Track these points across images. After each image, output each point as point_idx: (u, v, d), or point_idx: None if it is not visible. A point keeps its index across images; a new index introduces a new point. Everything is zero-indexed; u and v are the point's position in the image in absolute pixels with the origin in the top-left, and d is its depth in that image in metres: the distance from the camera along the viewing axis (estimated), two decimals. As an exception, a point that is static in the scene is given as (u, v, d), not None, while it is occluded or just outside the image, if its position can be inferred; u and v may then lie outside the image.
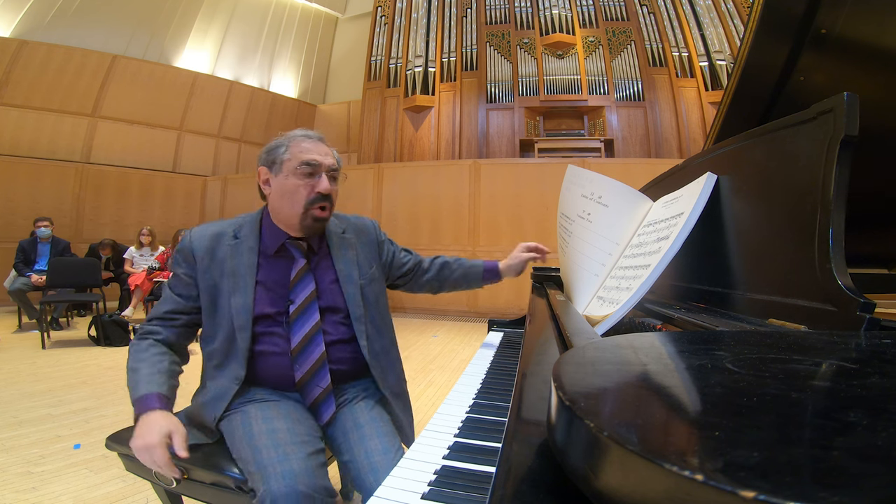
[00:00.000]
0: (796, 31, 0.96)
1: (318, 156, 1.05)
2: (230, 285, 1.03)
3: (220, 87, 9.18)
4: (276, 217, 1.08)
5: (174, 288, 1.08)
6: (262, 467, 0.86)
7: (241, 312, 1.02)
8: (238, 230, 1.08)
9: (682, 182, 0.80)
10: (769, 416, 0.22)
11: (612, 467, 0.20)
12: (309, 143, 1.07)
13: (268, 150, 1.08)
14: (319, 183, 1.05)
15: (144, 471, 1.01)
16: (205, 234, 1.08)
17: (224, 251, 1.06)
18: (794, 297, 0.54)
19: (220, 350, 1.04)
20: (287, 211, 1.05)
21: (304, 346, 1.03)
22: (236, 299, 1.02)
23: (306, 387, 1.03)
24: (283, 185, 1.04)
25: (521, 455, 0.35)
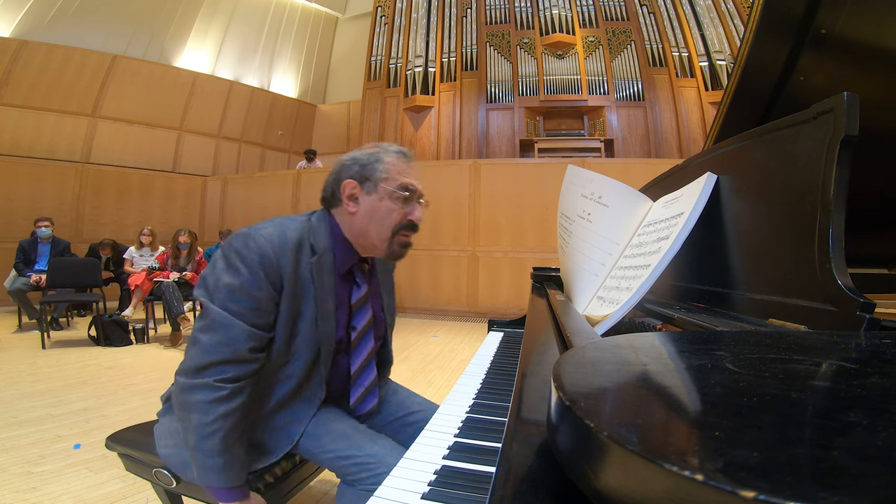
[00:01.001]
0: (796, 31, 0.96)
1: (415, 180, 0.98)
2: (319, 310, 0.93)
3: (220, 87, 9.19)
4: (352, 235, 0.98)
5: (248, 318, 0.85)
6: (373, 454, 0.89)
7: (328, 339, 0.95)
8: (314, 242, 0.94)
9: (682, 182, 0.80)
10: (769, 416, 0.22)
11: (612, 467, 0.20)
12: (406, 163, 0.99)
13: (361, 164, 0.96)
14: (413, 211, 0.97)
15: (144, 471, 1.01)
16: (285, 244, 0.89)
17: (306, 268, 0.92)
18: (794, 297, 0.54)
19: (296, 376, 0.94)
20: (373, 234, 0.96)
21: (360, 372, 1.03)
22: (324, 326, 0.94)
23: (359, 407, 1.04)
24: (376, 207, 0.95)
25: (521, 455, 0.35)
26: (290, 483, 1.05)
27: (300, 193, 6.92)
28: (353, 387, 1.03)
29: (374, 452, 0.90)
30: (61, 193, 6.82)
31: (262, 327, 0.87)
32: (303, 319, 0.92)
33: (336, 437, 0.94)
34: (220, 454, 0.83)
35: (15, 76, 6.90)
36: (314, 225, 0.96)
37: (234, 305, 0.85)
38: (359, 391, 1.04)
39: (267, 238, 0.88)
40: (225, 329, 0.84)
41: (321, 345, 0.94)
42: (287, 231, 0.91)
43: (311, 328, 0.93)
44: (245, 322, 0.85)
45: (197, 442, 0.82)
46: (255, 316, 0.86)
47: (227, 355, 0.83)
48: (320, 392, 0.97)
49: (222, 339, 0.83)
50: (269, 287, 0.87)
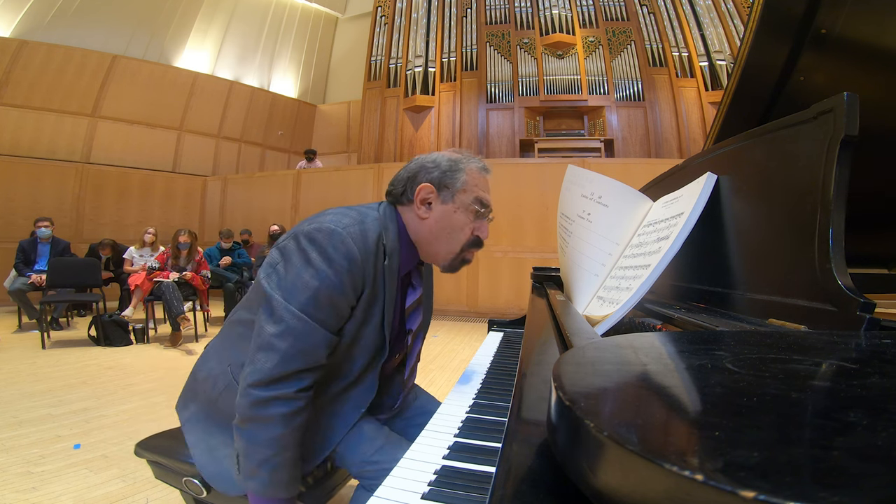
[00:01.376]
0: (796, 31, 0.96)
1: (489, 195, 0.96)
2: (386, 314, 0.90)
3: (220, 87, 9.19)
4: (418, 239, 0.94)
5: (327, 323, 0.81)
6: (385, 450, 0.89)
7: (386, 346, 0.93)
8: (386, 242, 0.89)
9: (682, 182, 0.80)
10: (769, 416, 0.22)
11: (612, 467, 0.20)
12: (485, 178, 0.97)
13: (442, 170, 0.92)
14: (482, 228, 0.96)
15: (174, 479, 1.00)
16: (368, 245, 0.85)
17: (379, 270, 0.88)
18: (794, 297, 0.54)
19: (348, 378, 0.92)
20: (442, 245, 0.93)
21: (413, 373, 1.07)
22: (388, 329, 0.92)
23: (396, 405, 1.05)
24: (451, 218, 0.92)
25: (521, 455, 0.35)
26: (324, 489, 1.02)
27: (300, 193, 6.92)
28: (406, 383, 1.05)
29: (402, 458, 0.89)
30: (61, 193, 6.82)
31: (337, 332, 0.84)
32: (369, 324, 0.89)
33: (362, 440, 0.92)
34: (294, 466, 0.79)
35: (15, 76, 6.90)
36: (385, 223, 0.91)
37: (316, 308, 0.79)
38: (405, 393, 1.06)
39: (354, 239, 0.82)
40: (306, 336, 0.78)
41: (382, 348, 0.92)
42: (368, 230, 0.86)
43: (377, 334, 0.90)
44: (325, 328, 0.80)
45: (270, 456, 0.77)
46: (334, 321, 0.82)
47: (308, 363, 0.79)
48: (370, 395, 0.94)
49: (303, 347, 0.78)
50: (352, 293, 0.83)
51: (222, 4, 9.62)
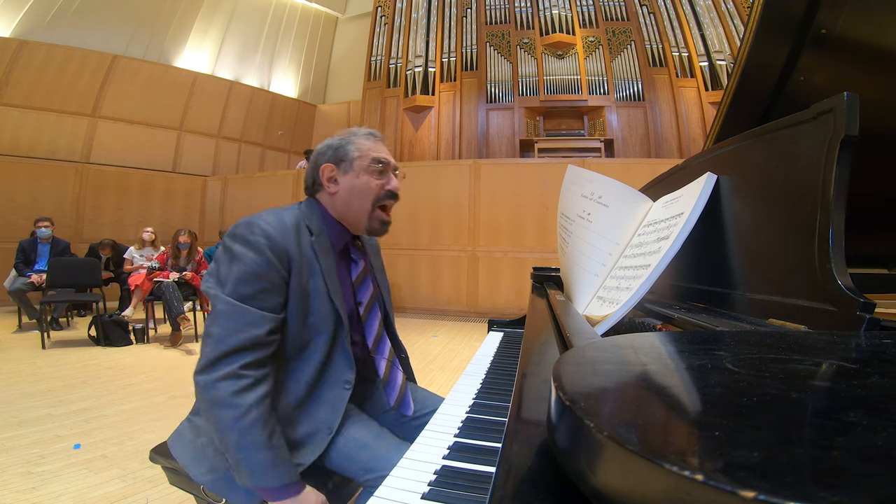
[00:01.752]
0: (796, 31, 0.96)
1: (386, 154, 1.05)
2: (329, 283, 0.95)
3: (220, 87, 9.18)
4: (338, 214, 1.03)
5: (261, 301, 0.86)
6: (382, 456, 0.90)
7: (343, 312, 0.96)
8: (309, 224, 0.98)
9: (682, 182, 0.80)
10: (769, 416, 0.22)
11: (611, 467, 0.20)
12: (375, 141, 1.05)
13: (334, 148, 1.02)
14: (390, 181, 1.04)
15: (191, 485, 0.99)
16: (286, 225, 0.93)
17: (308, 247, 0.96)
18: (794, 297, 0.54)
19: (318, 358, 0.94)
20: (357, 207, 1.01)
21: (377, 344, 1.07)
22: (338, 299, 0.96)
23: (389, 381, 1.07)
24: (354, 183, 1.01)
25: (521, 455, 0.35)
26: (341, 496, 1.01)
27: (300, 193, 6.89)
28: (375, 358, 1.06)
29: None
30: (61, 193, 6.82)
31: (274, 308, 0.88)
32: (315, 296, 0.94)
33: (359, 448, 0.92)
34: (266, 447, 0.80)
35: (15, 76, 6.90)
36: (305, 211, 1.01)
37: (246, 289, 0.85)
38: (382, 363, 1.06)
39: (268, 222, 0.91)
40: (238, 315, 0.83)
41: (341, 318, 0.96)
42: (284, 216, 0.95)
43: (327, 304, 0.95)
44: (257, 306, 0.85)
45: (238, 441, 0.79)
46: (266, 298, 0.87)
47: (243, 341, 0.82)
48: (349, 373, 0.97)
49: (236, 325, 0.83)
50: (279, 266, 0.89)
51: (222, 4, 9.62)
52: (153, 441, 1.12)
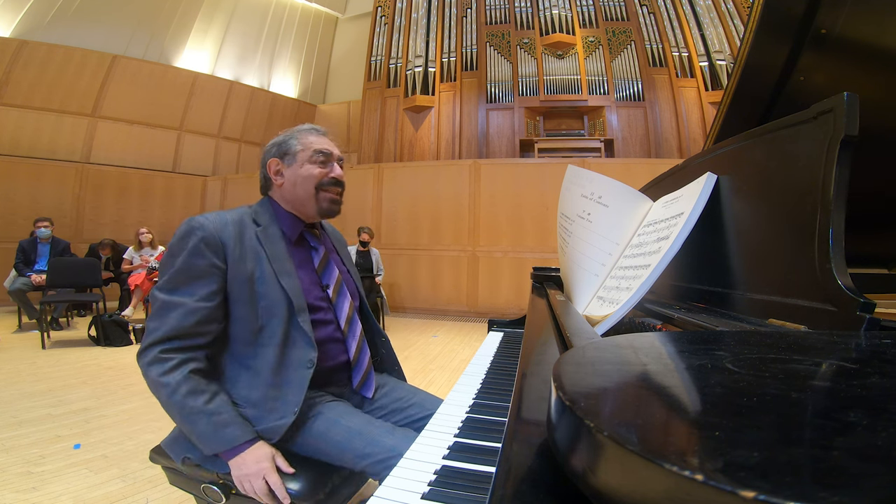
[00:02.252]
0: (796, 31, 0.96)
1: (328, 146, 1.10)
2: (277, 269, 1.00)
3: (220, 87, 9.18)
4: (289, 205, 1.09)
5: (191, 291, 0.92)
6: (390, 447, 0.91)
7: (296, 293, 1.00)
8: (255, 218, 1.05)
9: (682, 182, 0.80)
10: (769, 416, 0.22)
11: (611, 467, 0.20)
12: (317, 135, 1.12)
13: (278, 144, 1.10)
14: (333, 169, 1.09)
15: (191, 485, 1.00)
16: (224, 221, 1.00)
17: (252, 237, 1.01)
18: (794, 297, 0.54)
19: (275, 342, 0.97)
20: (301, 194, 1.07)
21: (349, 325, 1.10)
22: (287, 281, 1.00)
23: (358, 362, 1.10)
24: (298, 173, 1.07)
25: (521, 455, 0.35)
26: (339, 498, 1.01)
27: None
28: (346, 339, 1.09)
29: (392, 446, 0.91)
30: (61, 193, 6.82)
31: (203, 297, 0.93)
32: (262, 282, 0.98)
33: (352, 436, 0.94)
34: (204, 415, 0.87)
35: (15, 76, 6.90)
36: (256, 208, 1.08)
37: (175, 281, 0.92)
38: (353, 345, 1.09)
39: (206, 217, 0.98)
40: (167, 309, 0.91)
41: (292, 299, 0.99)
42: (227, 213, 1.02)
43: (275, 287, 0.98)
44: (188, 297, 0.92)
45: (180, 415, 0.88)
46: (197, 287, 0.93)
47: (168, 332, 0.90)
48: (311, 352, 0.99)
49: (164, 319, 0.91)
50: (212, 255, 0.95)
51: (222, 4, 9.62)
52: (153, 441, 1.12)
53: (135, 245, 4.94)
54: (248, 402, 0.95)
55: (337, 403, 1.03)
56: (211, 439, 0.88)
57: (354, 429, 0.96)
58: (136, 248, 4.92)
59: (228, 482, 0.94)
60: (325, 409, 1.00)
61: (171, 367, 0.89)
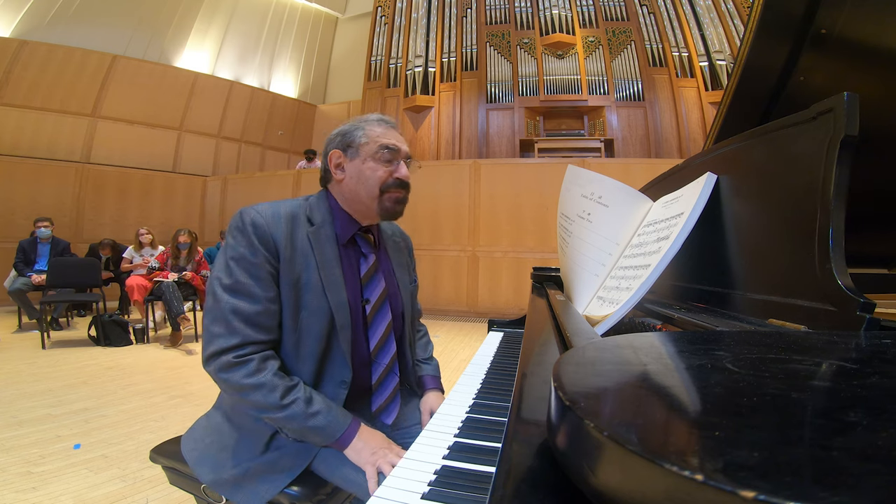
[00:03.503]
0: (796, 31, 0.96)
1: (396, 141, 1.00)
2: (324, 277, 0.91)
3: (220, 87, 9.19)
4: (347, 203, 1.00)
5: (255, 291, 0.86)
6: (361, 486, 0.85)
7: (341, 309, 0.92)
8: (311, 215, 0.96)
9: (682, 182, 0.80)
10: (769, 416, 0.22)
11: (612, 467, 0.20)
12: (385, 127, 1.01)
13: (342, 134, 1.00)
14: (398, 169, 0.99)
15: (192, 485, 0.99)
16: (278, 214, 0.92)
17: (304, 238, 0.93)
18: (794, 297, 0.54)
19: (313, 356, 0.91)
20: (363, 195, 0.97)
21: (381, 347, 1.00)
22: (333, 294, 0.91)
23: (379, 388, 1.01)
24: (361, 170, 0.97)
25: (521, 455, 0.35)
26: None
27: (300, 193, 6.91)
28: (374, 364, 1.00)
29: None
30: (61, 193, 6.82)
31: (270, 299, 0.88)
32: (308, 290, 0.91)
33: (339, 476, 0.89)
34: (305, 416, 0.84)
35: (15, 76, 6.90)
36: (312, 202, 0.99)
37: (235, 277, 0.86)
38: (378, 370, 1.00)
39: (258, 211, 0.91)
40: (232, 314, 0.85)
41: (335, 315, 0.91)
42: (279, 206, 0.95)
43: (320, 299, 0.91)
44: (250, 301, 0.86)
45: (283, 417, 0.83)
46: (259, 284, 0.87)
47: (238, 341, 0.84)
48: (347, 373, 0.93)
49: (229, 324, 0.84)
50: (265, 253, 0.88)
51: (222, 4, 9.62)
52: (153, 441, 1.12)
53: (135, 245, 4.94)
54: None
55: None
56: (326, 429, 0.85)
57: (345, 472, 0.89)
58: (136, 248, 4.92)
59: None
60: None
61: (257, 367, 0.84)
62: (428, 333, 1.29)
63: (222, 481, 0.89)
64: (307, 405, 0.85)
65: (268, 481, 0.88)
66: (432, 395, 1.10)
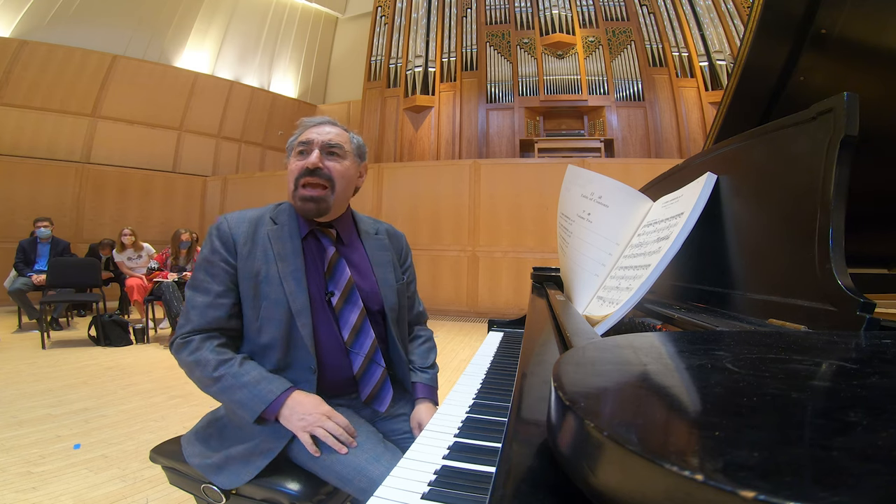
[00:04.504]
0: (796, 31, 0.96)
1: (314, 134, 1.04)
2: (281, 269, 0.99)
3: (220, 87, 9.18)
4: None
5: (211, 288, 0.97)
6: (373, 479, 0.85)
7: (297, 296, 0.97)
8: (276, 215, 1.06)
9: (682, 182, 0.80)
10: (769, 416, 0.22)
11: (612, 467, 0.20)
12: (309, 126, 1.07)
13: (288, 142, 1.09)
14: (308, 158, 1.02)
15: (191, 485, 0.99)
16: (243, 218, 1.04)
17: (265, 236, 1.02)
18: (794, 297, 0.54)
19: (276, 343, 0.97)
20: (289, 194, 1.04)
21: (356, 337, 1.04)
22: (290, 284, 0.98)
23: (364, 378, 1.04)
24: (289, 169, 1.05)
25: (521, 455, 0.35)
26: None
27: (300, 193, 6.90)
28: (350, 353, 1.03)
29: (374, 477, 0.85)
30: (61, 193, 6.82)
31: (220, 294, 0.98)
32: (267, 282, 0.98)
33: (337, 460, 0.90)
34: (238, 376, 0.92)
35: (15, 76, 6.90)
36: (281, 206, 1.09)
37: (200, 276, 0.99)
38: (358, 360, 1.03)
39: (225, 217, 1.03)
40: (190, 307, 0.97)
41: (290, 303, 0.97)
42: (247, 212, 1.06)
43: (278, 289, 0.98)
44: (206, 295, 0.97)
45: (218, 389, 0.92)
46: (213, 284, 0.98)
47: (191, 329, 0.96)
48: (311, 359, 0.97)
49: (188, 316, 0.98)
50: (223, 253, 0.99)
51: (222, 4, 9.62)
52: (153, 441, 1.12)
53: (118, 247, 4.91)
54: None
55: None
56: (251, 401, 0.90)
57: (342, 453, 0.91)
58: (119, 250, 4.89)
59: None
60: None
61: (196, 345, 0.94)
62: (432, 340, 1.28)
63: (207, 465, 0.95)
64: (235, 378, 0.92)
65: (249, 464, 0.92)
66: (423, 407, 1.08)
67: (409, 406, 1.12)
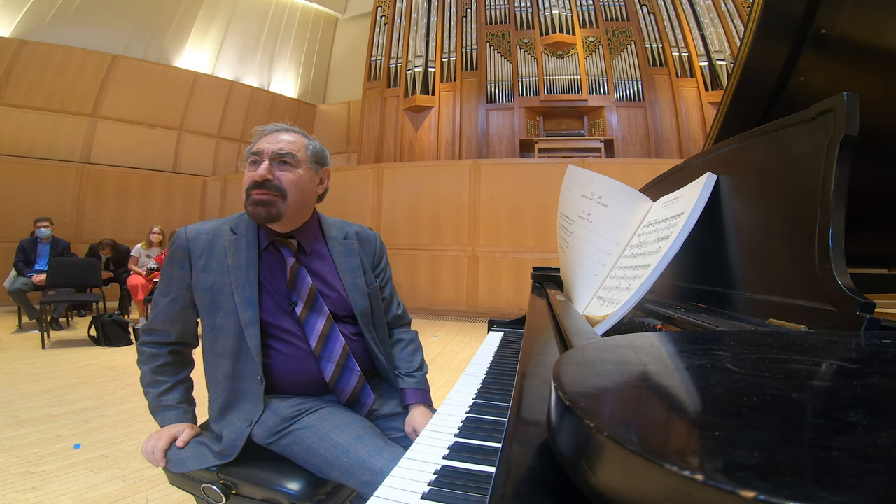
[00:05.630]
0: (796, 32, 0.96)
1: (265, 144, 1.03)
2: (233, 281, 1.00)
3: (220, 87, 9.18)
4: None
5: (167, 293, 1.04)
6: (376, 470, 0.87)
7: (246, 308, 0.98)
8: (235, 226, 1.06)
9: (682, 182, 0.80)
10: (769, 416, 0.22)
11: (612, 467, 0.20)
12: (260, 136, 1.06)
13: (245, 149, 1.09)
14: (257, 170, 1.01)
15: (191, 485, 1.00)
16: (201, 230, 1.05)
17: (222, 247, 1.03)
18: (794, 297, 0.54)
19: (227, 353, 0.99)
20: (243, 202, 1.04)
21: (324, 344, 1.03)
22: (240, 294, 0.99)
23: (338, 384, 1.04)
24: (243, 180, 1.05)
25: (521, 455, 0.35)
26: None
27: (300, 193, 6.90)
28: (320, 361, 1.03)
29: (378, 468, 0.87)
30: (61, 193, 6.83)
31: (172, 300, 1.03)
32: (222, 293, 1.01)
33: (339, 453, 0.91)
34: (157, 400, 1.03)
35: (15, 76, 6.90)
36: (241, 215, 1.09)
37: (161, 281, 1.07)
38: (329, 366, 1.02)
39: (185, 228, 1.07)
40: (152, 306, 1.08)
41: (240, 315, 0.99)
42: (207, 223, 1.08)
43: (230, 300, 1.00)
44: (162, 298, 1.05)
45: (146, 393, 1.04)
46: (169, 290, 1.04)
47: (147, 325, 1.06)
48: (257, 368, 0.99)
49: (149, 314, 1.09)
50: (179, 262, 1.03)
51: (222, 4, 9.62)
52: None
53: (145, 243, 4.92)
54: (214, 409, 1.02)
55: (331, 413, 1.00)
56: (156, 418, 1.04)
57: (342, 445, 0.92)
58: (145, 247, 4.91)
59: (228, 483, 0.94)
60: (318, 421, 0.97)
61: (144, 359, 1.05)
62: (416, 341, 1.29)
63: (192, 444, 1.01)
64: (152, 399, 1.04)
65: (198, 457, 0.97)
66: (417, 412, 1.08)
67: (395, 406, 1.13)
